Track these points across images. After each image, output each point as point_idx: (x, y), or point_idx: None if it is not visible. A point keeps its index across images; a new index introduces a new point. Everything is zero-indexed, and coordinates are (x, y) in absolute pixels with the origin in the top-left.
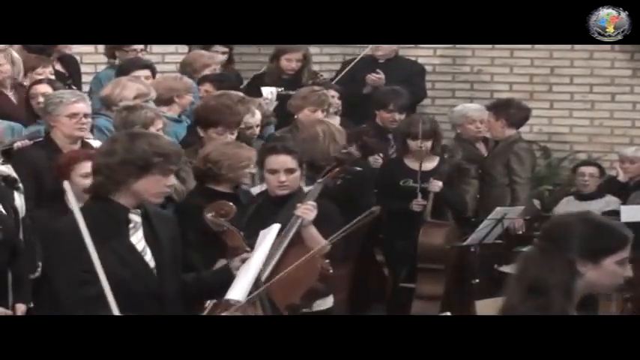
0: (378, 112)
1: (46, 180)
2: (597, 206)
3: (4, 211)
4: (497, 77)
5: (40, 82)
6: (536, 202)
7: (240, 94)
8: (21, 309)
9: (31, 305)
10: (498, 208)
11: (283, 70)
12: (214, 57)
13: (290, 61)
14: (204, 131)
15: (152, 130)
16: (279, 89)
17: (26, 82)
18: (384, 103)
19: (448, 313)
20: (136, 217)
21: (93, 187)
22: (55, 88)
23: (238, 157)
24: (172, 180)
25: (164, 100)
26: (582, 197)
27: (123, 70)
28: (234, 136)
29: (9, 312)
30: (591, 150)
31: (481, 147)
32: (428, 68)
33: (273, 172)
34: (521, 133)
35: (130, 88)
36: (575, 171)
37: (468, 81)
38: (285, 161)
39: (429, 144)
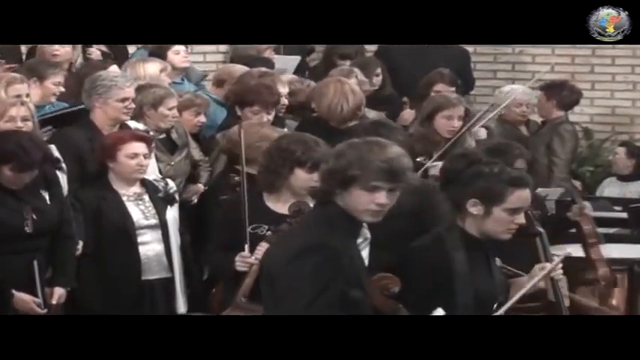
0: None
1: (87, 161)
2: (638, 188)
3: (48, 201)
4: (538, 58)
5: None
6: (577, 184)
7: (263, 69)
8: (59, 292)
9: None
10: (539, 189)
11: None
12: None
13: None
14: (241, 110)
15: (162, 109)
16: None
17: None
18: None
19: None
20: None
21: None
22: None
23: (257, 135)
24: (382, 199)
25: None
26: (622, 178)
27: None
28: (270, 117)
29: (36, 300)
30: (633, 131)
31: (523, 129)
32: (469, 49)
33: None
34: (568, 115)
35: (152, 66)
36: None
37: (509, 62)
38: None
39: None
